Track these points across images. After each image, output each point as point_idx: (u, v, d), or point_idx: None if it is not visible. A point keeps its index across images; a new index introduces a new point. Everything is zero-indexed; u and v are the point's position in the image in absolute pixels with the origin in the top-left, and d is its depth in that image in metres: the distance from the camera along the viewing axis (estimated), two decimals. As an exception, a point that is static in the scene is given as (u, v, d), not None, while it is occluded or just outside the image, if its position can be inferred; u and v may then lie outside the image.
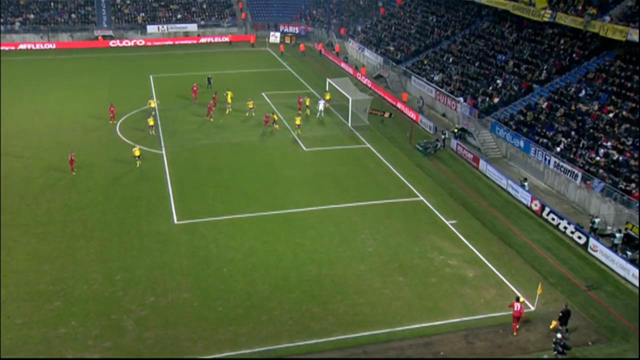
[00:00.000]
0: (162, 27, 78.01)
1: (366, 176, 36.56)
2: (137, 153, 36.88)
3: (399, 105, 50.45)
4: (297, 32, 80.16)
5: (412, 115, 47.87)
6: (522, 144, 38.55)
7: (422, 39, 59.97)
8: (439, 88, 49.70)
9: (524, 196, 34.06)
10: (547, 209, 32.16)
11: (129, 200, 32.69)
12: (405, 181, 36.01)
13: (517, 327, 23.02)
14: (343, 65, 64.84)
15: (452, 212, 32.43)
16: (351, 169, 37.60)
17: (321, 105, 46.77)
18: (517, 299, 23.36)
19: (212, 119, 45.23)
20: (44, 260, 26.90)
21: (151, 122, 42.22)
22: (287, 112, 47.76)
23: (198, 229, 29.77)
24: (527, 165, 38.23)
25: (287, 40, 77.66)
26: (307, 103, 47.48)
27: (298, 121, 43.26)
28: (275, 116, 44.08)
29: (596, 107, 37.49)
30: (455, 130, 43.03)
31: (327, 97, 49.89)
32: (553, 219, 31.63)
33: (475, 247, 28.97)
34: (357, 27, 73.37)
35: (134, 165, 36.92)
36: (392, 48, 61.79)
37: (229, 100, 47.81)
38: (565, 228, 30.71)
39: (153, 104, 47.27)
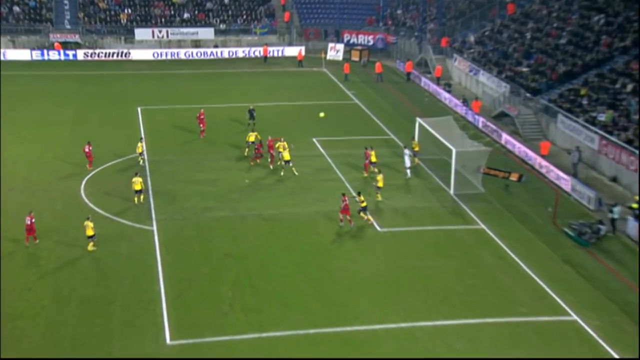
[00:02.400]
0: (159, 31, 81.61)
1: (478, 276, 36.56)
2: (89, 231, 37.58)
3: (535, 161, 50.46)
4: (372, 43, 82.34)
5: (558, 178, 47.81)
6: None
7: (578, 53, 60.47)
8: (606, 135, 49.57)
9: None
10: None
11: (94, 305, 33.10)
12: (546, 287, 35.71)
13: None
14: (444, 96, 65.52)
15: (631, 344, 31.64)
16: (453, 263, 37.75)
17: (408, 160, 47.67)
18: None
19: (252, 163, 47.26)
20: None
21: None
22: (351, 171, 49.11)
23: (205, 354, 29.98)
24: None
25: (355, 57, 79.74)
26: (374, 158, 48.22)
27: (380, 182, 44.25)
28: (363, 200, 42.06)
29: None
30: (635, 205, 42.68)
31: (415, 147, 50.78)
32: None
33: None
34: (469, 36, 74.79)
35: (103, 248, 37.97)
36: (525, 69, 62.41)
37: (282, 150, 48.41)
38: None
39: (141, 147, 49.39)
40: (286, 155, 47.82)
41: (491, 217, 43.24)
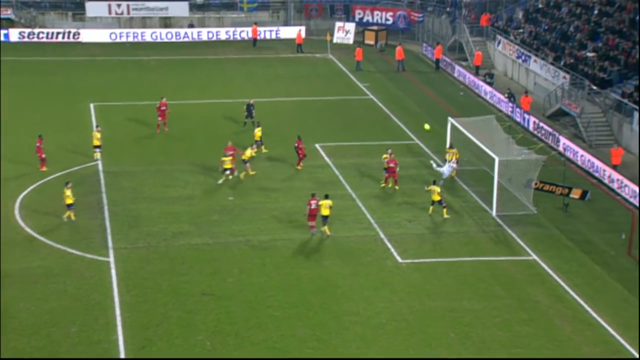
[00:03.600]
0: (118, 5, 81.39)
1: (530, 322, 35.68)
2: None
3: (604, 173, 49.85)
4: (391, 22, 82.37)
5: (634, 195, 46.97)
6: None
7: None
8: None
9: None
10: None
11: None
12: (620, 339, 34.55)
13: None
14: (483, 89, 65.49)
15: None
16: (497, 305, 37.09)
17: (447, 169, 48.69)
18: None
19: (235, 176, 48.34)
20: None
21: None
22: (365, 184, 48.87)
23: None
24: None
25: (369, 40, 79.79)
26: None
27: (436, 195, 44.34)
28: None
29: None
30: None
31: (450, 156, 50.71)
32: None
33: None
34: (517, 12, 74.81)
35: (43, 286, 37.20)
36: (591, 54, 61.97)
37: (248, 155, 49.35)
38: None
39: (97, 139, 49.84)
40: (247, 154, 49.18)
41: (546, 245, 42.75)
